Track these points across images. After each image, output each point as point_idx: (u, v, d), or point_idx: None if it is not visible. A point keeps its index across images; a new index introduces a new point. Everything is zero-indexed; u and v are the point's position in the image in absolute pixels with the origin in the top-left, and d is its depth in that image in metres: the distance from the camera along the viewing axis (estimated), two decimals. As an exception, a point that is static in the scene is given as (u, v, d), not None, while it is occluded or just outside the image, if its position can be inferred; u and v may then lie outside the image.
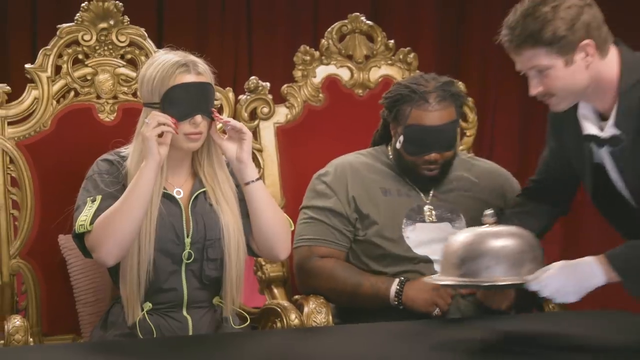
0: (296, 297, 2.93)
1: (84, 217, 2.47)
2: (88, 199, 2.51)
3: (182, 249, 2.55)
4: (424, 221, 2.83)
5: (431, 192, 2.88)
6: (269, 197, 2.61)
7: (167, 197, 2.55)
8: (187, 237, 2.55)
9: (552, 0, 2.25)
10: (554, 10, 2.24)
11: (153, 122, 2.44)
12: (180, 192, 2.58)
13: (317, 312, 2.79)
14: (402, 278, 2.73)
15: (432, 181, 2.85)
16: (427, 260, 2.79)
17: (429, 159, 2.79)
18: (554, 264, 2.23)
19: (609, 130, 2.33)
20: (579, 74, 2.28)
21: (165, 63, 2.51)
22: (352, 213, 2.86)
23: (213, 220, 2.57)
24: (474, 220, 2.73)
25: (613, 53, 2.33)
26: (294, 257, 2.90)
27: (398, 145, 2.82)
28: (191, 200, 2.58)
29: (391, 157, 2.91)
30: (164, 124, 2.44)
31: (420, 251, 2.80)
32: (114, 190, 2.52)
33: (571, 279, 2.20)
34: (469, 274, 2.22)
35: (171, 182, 2.58)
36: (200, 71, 2.53)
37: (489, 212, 2.28)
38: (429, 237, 2.80)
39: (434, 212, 2.85)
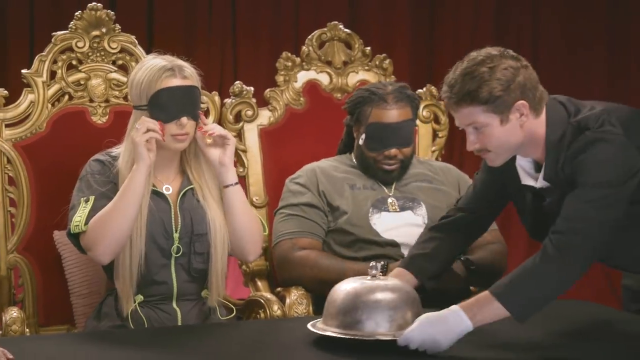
0: (278, 289, 2.94)
1: (78, 218, 2.50)
2: (82, 199, 2.53)
3: (171, 243, 2.56)
4: (388, 211, 2.91)
5: (393, 185, 2.96)
6: (245, 201, 2.64)
7: (157, 194, 2.58)
8: (176, 232, 2.57)
9: (490, 61, 2.26)
10: (491, 70, 2.24)
11: (142, 127, 2.47)
12: (169, 189, 2.61)
13: (298, 304, 2.81)
14: (384, 262, 2.75)
15: (392, 176, 2.94)
16: (394, 244, 2.87)
17: (389, 154, 2.90)
18: (420, 317, 2.21)
19: (540, 183, 2.35)
20: (514, 133, 2.28)
21: (153, 67, 2.53)
22: (324, 206, 2.92)
23: (200, 216, 2.59)
24: (434, 207, 2.89)
25: (544, 111, 2.33)
26: (275, 252, 2.92)
27: (361, 142, 2.92)
28: (179, 196, 2.60)
29: (355, 160, 3.00)
30: (152, 130, 2.46)
31: (387, 235, 2.87)
32: (106, 189, 2.54)
33: (436, 330, 2.18)
34: (346, 325, 2.19)
35: (160, 179, 2.60)
36: (186, 75, 2.55)
37: (373, 264, 2.27)
38: (395, 224, 2.89)
39: (396, 203, 2.93)
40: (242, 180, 3.19)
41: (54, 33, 2.99)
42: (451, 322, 2.20)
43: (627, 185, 2.23)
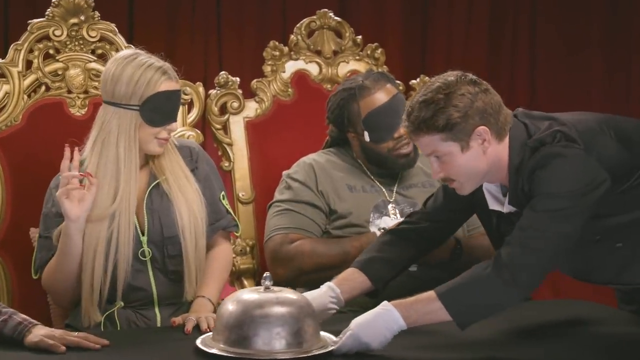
0: (266, 288, 2.96)
1: (33, 260, 2.58)
2: (39, 238, 2.58)
3: (139, 247, 2.56)
4: (388, 216, 2.91)
5: (394, 188, 2.95)
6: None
7: None
8: (143, 235, 2.56)
9: (446, 87, 2.28)
10: (447, 97, 2.26)
11: (63, 181, 2.43)
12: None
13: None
14: (381, 228, 2.76)
15: (411, 159, 2.92)
16: None
17: (399, 137, 2.87)
18: (352, 321, 2.22)
19: (507, 208, 2.38)
20: (477, 159, 2.30)
21: (147, 66, 2.51)
22: (324, 206, 2.91)
23: (170, 217, 2.57)
24: None
25: (508, 135, 2.35)
26: (267, 248, 2.90)
27: (367, 140, 2.89)
28: (145, 196, 2.58)
29: (355, 156, 2.98)
30: (70, 182, 2.41)
31: None
32: (53, 229, 2.53)
33: (366, 332, 2.20)
34: (232, 342, 2.14)
35: None
36: (176, 78, 2.57)
37: (267, 274, 2.25)
38: None
39: (397, 209, 2.92)
40: (228, 175, 3.21)
41: (30, 21, 2.99)
42: (382, 321, 2.22)
43: (586, 198, 2.25)
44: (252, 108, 3.25)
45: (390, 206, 2.92)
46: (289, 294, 2.17)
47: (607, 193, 2.29)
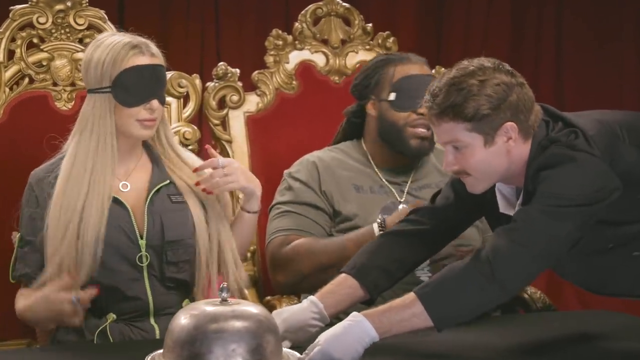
0: (268, 297, 2.93)
1: (11, 263, 2.55)
2: (17, 235, 2.55)
3: (137, 252, 2.52)
4: None
5: (405, 189, 2.92)
6: (253, 230, 2.68)
7: (112, 200, 2.51)
8: (141, 238, 2.52)
9: (481, 73, 2.22)
10: (481, 84, 2.21)
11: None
12: (127, 186, 2.54)
13: (289, 315, 2.77)
14: (379, 220, 2.74)
15: (425, 148, 2.89)
16: None
17: (421, 113, 2.83)
18: (320, 336, 2.19)
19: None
20: (498, 157, 2.25)
21: (116, 44, 2.48)
22: (328, 207, 2.88)
23: (174, 220, 2.53)
24: None
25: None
26: (267, 254, 2.90)
27: (391, 100, 2.88)
28: (149, 195, 2.54)
29: (365, 145, 2.95)
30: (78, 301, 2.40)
31: None
32: (29, 224, 2.52)
33: (340, 346, 2.16)
34: (185, 359, 2.04)
35: (117, 174, 2.53)
36: (153, 52, 2.52)
37: (224, 285, 2.16)
38: None
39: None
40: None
41: (11, 7, 2.98)
42: (352, 334, 2.17)
43: (589, 206, 2.19)
44: (253, 102, 3.23)
45: (401, 207, 2.87)
46: (247, 306, 2.09)
47: (621, 200, 2.23)
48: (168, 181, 2.57)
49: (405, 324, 2.20)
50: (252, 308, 2.07)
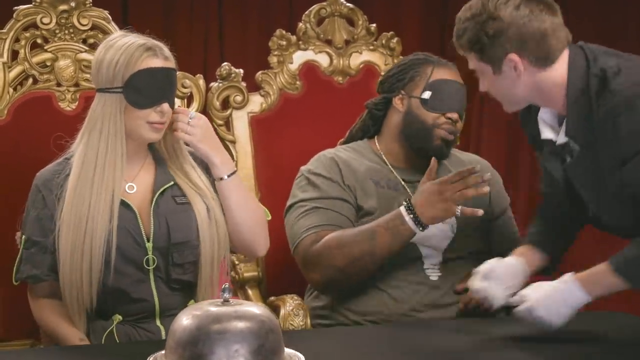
0: (272, 298, 2.93)
1: (15, 264, 2.54)
2: (22, 236, 2.54)
3: (144, 254, 2.51)
4: None
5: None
6: (243, 192, 2.60)
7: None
8: (148, 241, 2.52)
9: (484, 7, 2.38)
10: (481, 18, 2.38)
11: None
12: (133, 187, 2.54)
13: (294, 315, 2.79)
14: (405, 203, 2.73)
15: (444, 150, 2.89)
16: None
17: (452, 117, 2.87)
18: (528, 292, 2.30)
19: (562, 138, 2.41)
20: (511, 84, 2.40)
21: (130, 45, 2.48)
22: (353, 200, 2.87)
23: (179, 222, 2.53)
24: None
25: (564, 59, 2.40)
26: (296, 255, 2.84)
27: (425, 98, 2.88)
28: (155, 198, 2.54)
29: (379, 144, 2.94)
30: None
31: (414, 241, 2.82)
32: (36, 225, 2.51)
33: (550, 306, 2.29)
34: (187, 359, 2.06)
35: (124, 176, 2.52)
36: (166, 55, 2.52)
37: (225, 286, 2.13)
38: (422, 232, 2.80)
39: None
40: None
41: (15, 7, 2.98)
42: (561, 297, 2.32)
43: None
44: (256, 102, 3.23)
45: (420, 188, 2.81)
46: (249, 307, 2.06)
47: None
48: (172, 182, 2.56)
49: (612, 288, 2.34)
50: (255, 308, 2.06)
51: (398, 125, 2.92)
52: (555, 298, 2.31)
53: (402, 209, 2.72)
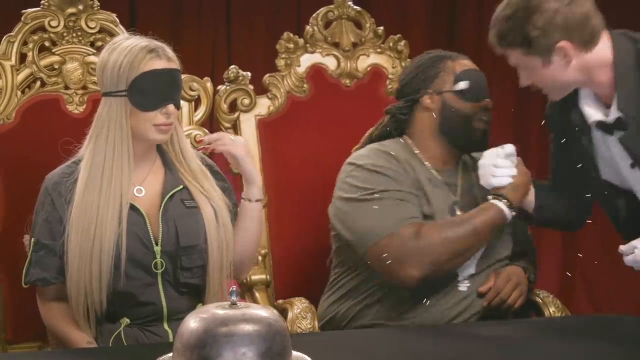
0: (280, 301, 2.94)
1: (25, 267, 2.53)
2: (32, 239, 2.53)
3: (152, 258, 2.51)
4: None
5: (458, 189, 2.87)
6: (260, 221, 2.67)
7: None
8: (157, 244, 2.51)
9: (527, 1, 2.44)
10: (525, 12, 2.44)
11: None
12: (141, 191, 2.54)
13: (302, 318, 2.79)
14: (504, 200, 2.72)
15: (483, 141, 2.85)
16: None
17: (487, 105, 2.87)
18: None
19: (614, 114, 2.46)
20: (561, 72, 2.48)
21: (133, 47, 2.48)
22: (417, 192, 2.81)
23: (188, 226, 2.53)
24: None
25: (604, 40, 2.49)
26: (385, 248, 2.69)
27: (462, 88, 2.85)
28: (164, 201, 2.54)
29: (412, 140, 2.89)
30: None
31: None
32: (45, 228, 2.50)
33: None
34: None
35: (132, 180, 2.52)
36: (170, 56, 2.52)
37: (233, 289, 2.11)
38: None
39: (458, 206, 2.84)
40: (238, 178, 3.17)
41: (23, 10, 2.99)
42: None
43: None
44: (264, 105, 3.22)
45: (507, 182, 2.78)
46: (257, 309, 2.05)
47: None
48: (181, 186, 2.56)
49: None
50: (262, 311, 2.05)
51: (432, 124, 2.86)
52: None
53: (500, 204, 2.72)
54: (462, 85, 2.84)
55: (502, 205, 2.71)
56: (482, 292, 2.79)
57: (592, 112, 2.54)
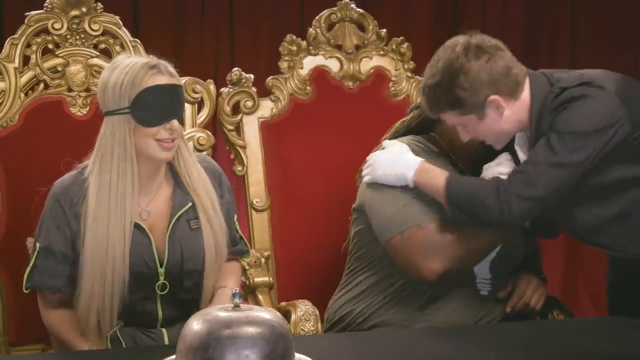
0: (283, 303, 2.94)
1: (26, 271, 2.53)
2: (37, 243, 2.53)
3: (155, 280, 2.52)
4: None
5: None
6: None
7: (134, 226, 2.50)
8: (161, 266, 2.52)
9: (450, 66, 2.54)
10: (451, 77, 2.54)
11: None
12: (148, 213, 2.54)
13: (305, 320, 2.79)
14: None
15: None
16: None
17: None
18: None
19: (526, 156, 2.62)
20: (497, 123, 2.59)
21: (134, 65, 2.46)
22: None
23: (193, 249, 2.54)
24: None
25: (526, 85, 2.62)
26: (411, 239, 2.70)
27: None
28: (171, 223, 2.54)
29: (443, 138, 2.85)
30: None
31: None
32: (55, 237, 2.49)
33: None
34: None
35: (138, 201, 2.51)
36: (171, 72, 2.50)
37: (236, 291, 2.10)
38: None
39: None
40: (241, 180, 3.18)
41: (27, 13, 2.99)
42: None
43: (600, 136, 2.50)
44: (267, 107, 3.22)
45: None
46: (260, 312, 2.06)
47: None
48: (190, 204, 2.55)
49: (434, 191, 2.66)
50: (265, 314, 2.06)
51: None
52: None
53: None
54: None
55: None
56: (502, 297, 2.80)
57: (521, 155, 2.65)
